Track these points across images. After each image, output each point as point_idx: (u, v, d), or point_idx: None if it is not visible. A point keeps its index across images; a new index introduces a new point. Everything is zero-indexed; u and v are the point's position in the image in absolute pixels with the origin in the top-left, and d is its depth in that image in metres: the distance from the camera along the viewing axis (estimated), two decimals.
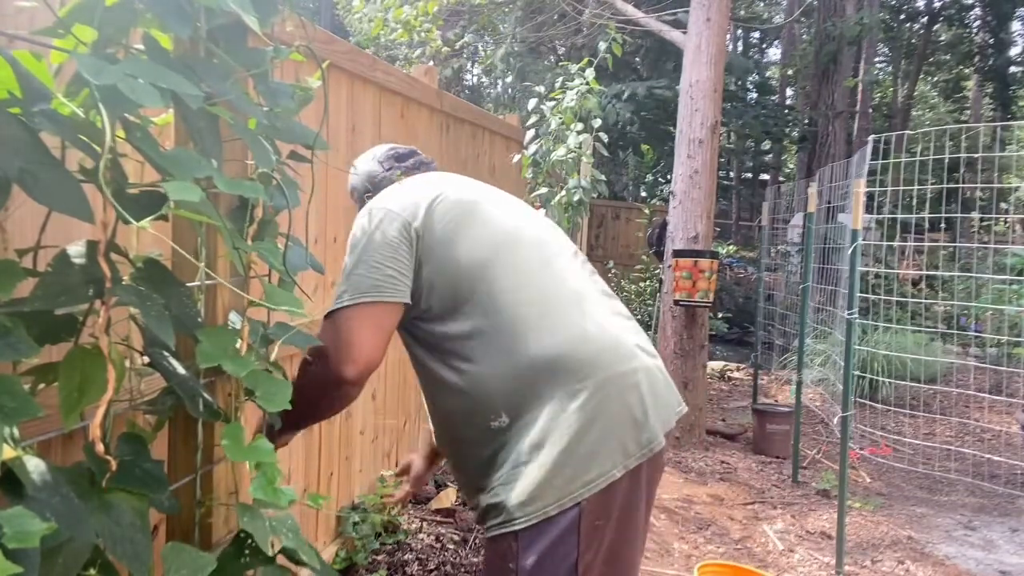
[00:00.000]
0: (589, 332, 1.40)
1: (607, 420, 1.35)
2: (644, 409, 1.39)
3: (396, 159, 1.74)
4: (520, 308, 1.38)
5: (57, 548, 0.83)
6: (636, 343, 1.46)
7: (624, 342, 1.43)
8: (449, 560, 2.89)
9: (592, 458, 1.33)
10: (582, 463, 1.32)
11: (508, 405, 1.37)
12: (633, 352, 1.43)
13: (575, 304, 1.43)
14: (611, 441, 1.35)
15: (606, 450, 1.34)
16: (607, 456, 1.34)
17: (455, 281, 1.40)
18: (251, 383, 1.14)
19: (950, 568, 3.27)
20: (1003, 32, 19.16)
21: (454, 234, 1.43)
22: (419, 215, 1.44)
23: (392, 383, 3.19)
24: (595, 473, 1.33)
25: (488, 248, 1.43)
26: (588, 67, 4.65)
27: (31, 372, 1.01)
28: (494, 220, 1.49)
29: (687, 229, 4.90)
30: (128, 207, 0.87)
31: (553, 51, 11.46)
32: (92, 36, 0.91)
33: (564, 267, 1.49)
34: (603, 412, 1.35)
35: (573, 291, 1.45)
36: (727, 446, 5.15)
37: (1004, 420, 5.72)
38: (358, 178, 1.78)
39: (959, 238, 8.67)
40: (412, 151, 1.78)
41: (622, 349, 1.42)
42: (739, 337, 9.70)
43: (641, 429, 1.38)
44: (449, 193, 1.49)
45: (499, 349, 1.37)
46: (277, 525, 1.19)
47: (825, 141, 11.25)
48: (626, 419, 1.37)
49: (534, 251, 1.48)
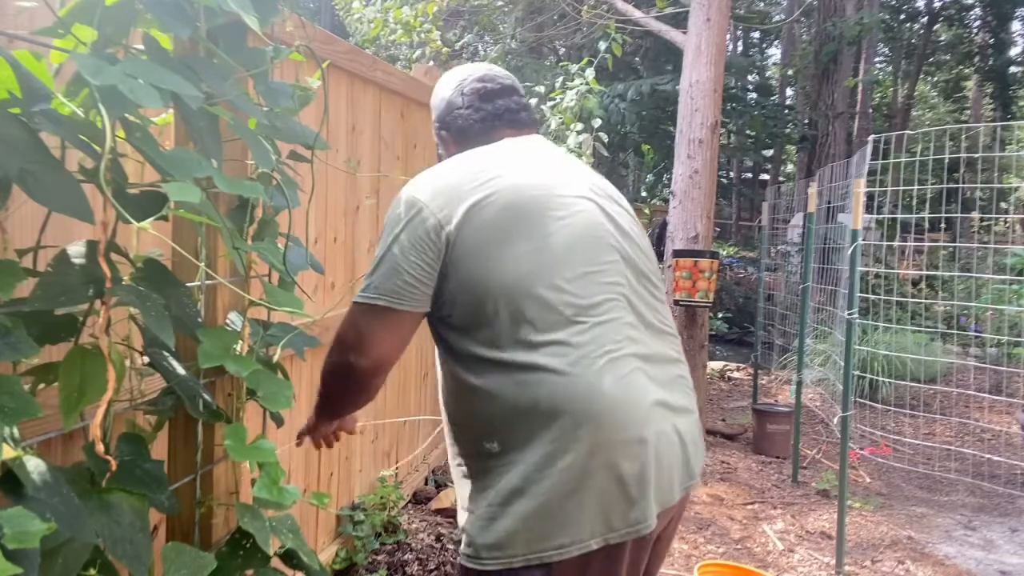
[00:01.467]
0: (603, 388, 1.24)
1: (594, 486, 1.22)
2: (641, 484, 1.25)
3: (481, 97, 1.50)
4: (539, 348, 1.25)
5: (57, 548, 0.83)
6: (658, 401, 1.30)
7: (640, 403, 1.27)
8: (449, 560, 2.89)
9: (569, 522, 1.22)
10: (557, 525, 1.22)
11: (502, 434, 1.27)
12: (648, 416, 1.27)
13: (600, 351, 1.26)
14: (593, 509, 1.22)
15: (587, 517, 1.22)
16: (587, 524, 1.22)
17: (480, 302, 1.27)
18: (253, 383, 1.14)
19: (950, 568, 3.27)
20: (1003, 32, 19.16)
21: (490, 250, 1.26)
22: (455, 218, 1.27)
23: (392, 383, 3.19)
24: (568, 539, 1.22)
25: (525, 275, 1.26)
26: (588, 67, 4.65)
27: (31, 372, 1.01)
28: (545, 235, 1.29)
29: (687, 229, 4.90)
30: (128, 207, 0.87)
31: (553, 51, 11.46)
32: (92, 36, 0.91)
33: (608, 300, 1.30)
34: (591, 477, 1.22)
35: (605, 333, 1.28)
36: (727, 446, 5.15)
37: (1004, 420, 5.72)
38: (437, 102, 1.57)
39: (959, 238, 8.67)
40: (504, 88, 1.53)
41: (635, 412, 1.26)
42: (739, 337, 9.70)
43: (631, 505, 1.24)
44: (504, 190, 1.30)
45: (507, 379, 1.26)
46: (277, 525, 1.19)
47: (825, 141, 11.25)
48: (615, 491, 1.24)
49: (580, 279, 1.29)
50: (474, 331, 1.29)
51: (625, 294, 1.34)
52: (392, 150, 3.07)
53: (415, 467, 3.56)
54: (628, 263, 1.37)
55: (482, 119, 1.50)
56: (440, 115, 1.55)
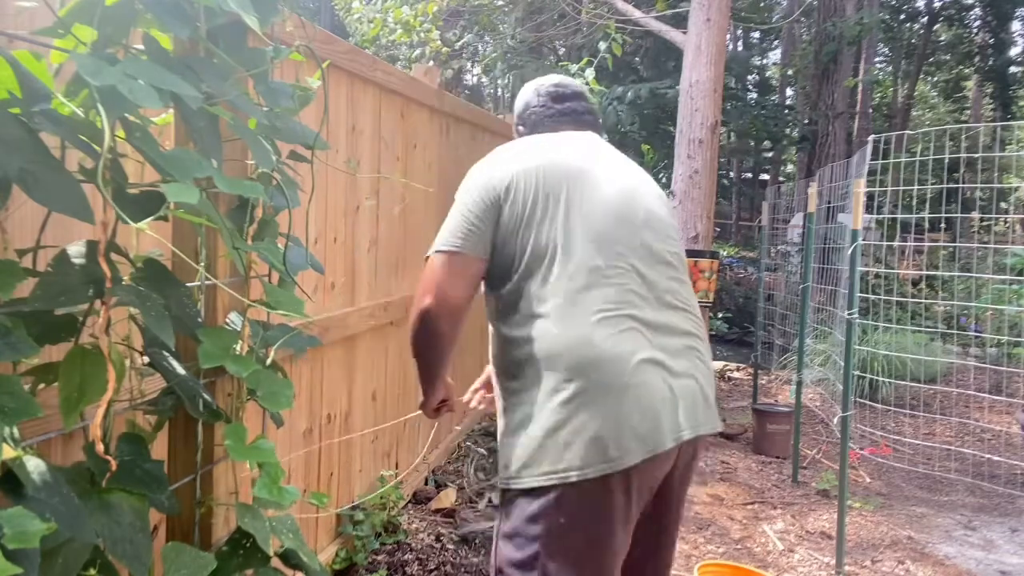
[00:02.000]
0: (594, 340, 1.46)
1: (580, 423, 1.43)
2: (619, 426, 1.43)
3: (553, 99, 1.84)
4: (547, 302, 1.50)
5: (57, 548, 0.83)
6: (650, 359, 1.49)
7: (626, 357, 1.46)
8: (449, 560, 2.89)
9: (553, 455, 1.44)
10: (547, 456, 1.45)
11: (518, 374, 1.53)
12: (635, 369, 1.46)
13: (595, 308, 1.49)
14: (584, 443, 1.43)
15: (578, 448, 1.43)
16: (565, 460, 1.43)
17: (509, 261, 1.56)
18: (253, 383, 1.14)
19: (950, 568, 3.27)
20: (1003, 32, 19.16)
21: (525, 225, 1.55)
22: (506, 191, 1.57)
23: (392, 384, 3.19)
24: (564, 466, 1.43)
25: (545, 249, 1.53)
26: (588, 67, 4.65)
27: (31, 372, 1.01)
28: (571, 217, 1.55)
29: (687, 229, 4.90)
30: (128, 207, 0.87)
31: (553, 51, 11.46)
32: (92, 36, 0.91)
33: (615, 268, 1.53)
34: (577, 416, 1.44)
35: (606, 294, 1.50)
36: (727, 446, 5.15)
37: (1004, 420, 5.72)
38: (519, 101, 1.93)
39: (959, 238, 8.67)
40: (574, 93, 1.86)
41: (620, 363, 1.45)
42: (739, 337, 9.70)
43: (609, 443, 1.42)
44: (548, 174, 1.58)
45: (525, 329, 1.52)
46: (278, 525, 1.19)
47: (825, 141, 11.25)
48: (596, 429, 1.43)
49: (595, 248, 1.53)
50: (504, 284, 1.57)
51: (636, 267, 1.55)
52: (392, 150, 3.07)
53: (415, 467, 3.56)
54: (646, 246, 1.59)
55: (551, 115, 1.81)
56: (519, 113, 1.90)
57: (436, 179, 3.65)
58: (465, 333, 4.54)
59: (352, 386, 2.79)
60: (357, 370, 2.83)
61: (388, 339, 3.12)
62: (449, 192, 4.18)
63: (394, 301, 3.08)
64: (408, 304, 3.22)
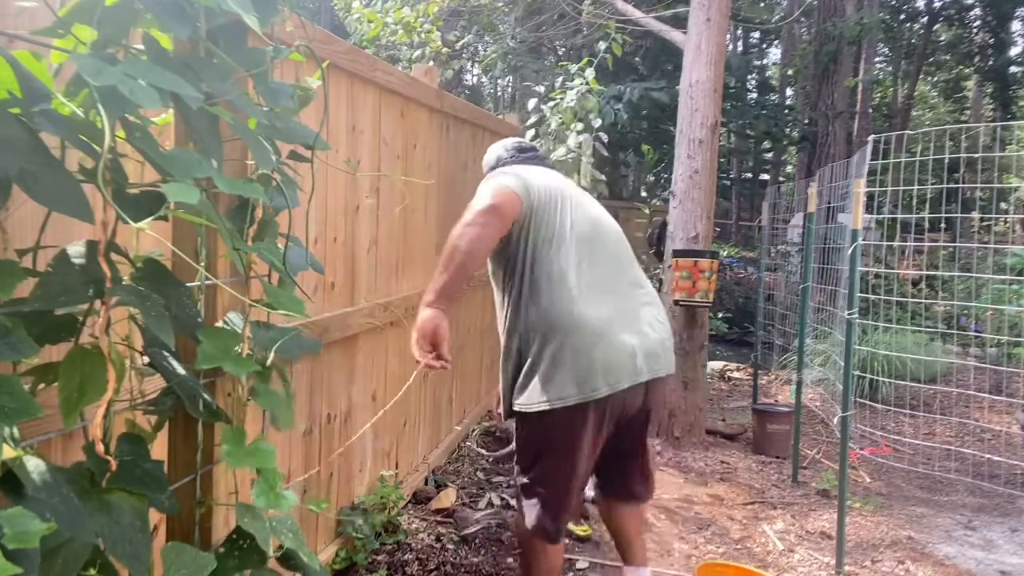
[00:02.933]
0: (575, 308, 2.11)
1: (565, 367, 2.09)
2: (590, 370, 2.08)
3: (518, 150, 2.57)
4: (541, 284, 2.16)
5: (57, 548, 0.83)
6: (615, 318, 2.15)
7: (597, 321, 2.11)
8: (449, 560, 2.89)
9: (548, 389, 2.10)
10: (544, 389, 2.11)
11: (523, 337, 2.18)
12: (603, 328, 2.11)
13: (577, 287, 2.15)
14: (560, 384, 2.09)
15: (563, 385, 2.09)
16: (563, 388, 2.09)
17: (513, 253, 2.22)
18: (254, 394, 1.14)
19: (950, 568, 3.27)
20: (1003, 32, 19.15)
21: (539, 219, 2.19)
22: (525, 192, 2.19)
23: (392, 384, 3.19)
24: (544, 399, 2.10)
25: (542, 239, 2.19)
26: (588, 67, 4.65)
27: (31, 372, 1.01)
28: (563, 218, 2.22)
29: (687, 229, 4.90)
30: (128, 207, 0.87)
31: (553, 51, 11.46)
32: (92, 36, 0.91)
33: (584, 261, 2.20)
34: (557, 363, 2.10)
35: (598, 279, 2.19)
36: (727, 446, 5.15)
37: (1004, 420, 5.72)
38: (490, 156, 2.62)
39: (959, 238, 8.67)
40: (532, 147, 2.62)
41: (593, 326, 2.10)
42: (739, 337, 9.70)
43: (582, 382, 2.08)
44: (547, 184, 2.27)
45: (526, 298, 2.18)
46: (277, 526, 1.19)
47: (825, 141, 11.24)
48: (572, 373, 2.08)
49: (569, 246, 2.20)
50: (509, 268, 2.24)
51: (609, 256, 2.27)
52: (392, 150, 3.07)
53: (415, 467, 3.56)
54: (610, 246, 2.31)
55: (520, 161, 2.52)
56: (493, 164, 2.57)
57: (436, 179, 3.65)
58: (465, 333, 4.53)
59: (352, 386, 2.79)
60: (357, 370, 2.83)
61: (388, 339, 3.11)
62: (449, 192, 4.18)
63: (394, 301, 3.08)
64: (408, 304, 3.22)
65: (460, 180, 4.05)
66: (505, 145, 2.59)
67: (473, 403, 4.69)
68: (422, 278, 3.51)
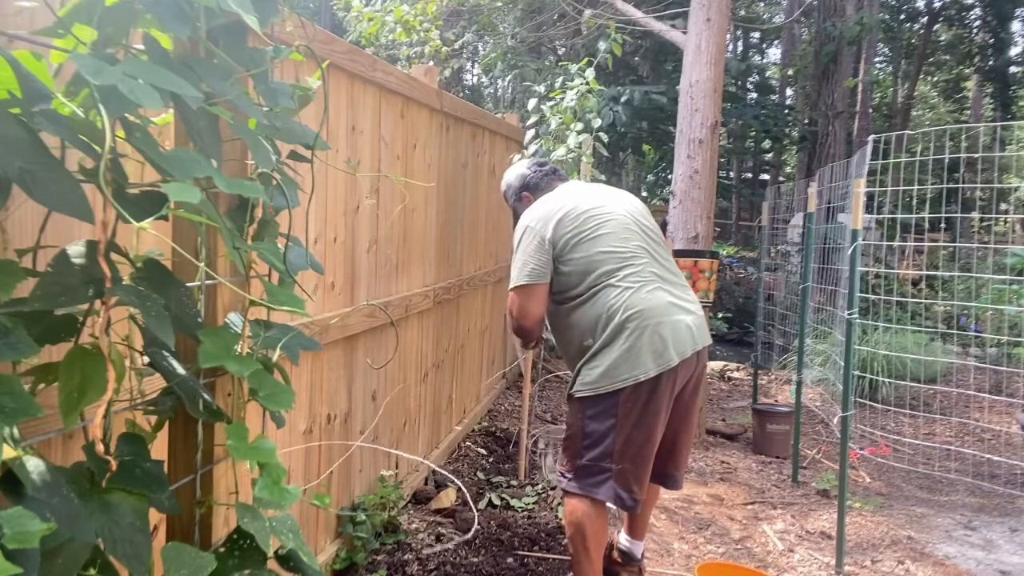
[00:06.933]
0: (639, 299, 2.41)
1: (637, 350, 2.37)
2: (664, 346, 2.38)
3: (539, 166, 2.88)
4: (607, 281, 2.45)
5: (57, 548, 0.83)
6: (671, 302, 2.45)
7: (659, 306, 2.41)
8: (449, 560, 2.89)
9: (627, 368, 2.37)
10: (623, 369, 2.37)
11: (592, 335, 2.45)
12: (666, 310, 2.42)
13: (639, 278, 2.45)
14: (638, 361, 2.37)
15: (637, 365, 2.37)
16: (636, 368, 2.37)
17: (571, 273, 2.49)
18: (254, 383, 1.14)
19: (950, 568, 3.27)
20: (1003, 32, 19.14)
21: (572, 248, 2.48)
22: (549, 230, 2.49)
23: (392, 384, 3.19)
24: (627, 375, 2.37)
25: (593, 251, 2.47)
26: (588, 67, 4.65)
27: (31, 372, 1.01)
28: (600, 234, 2.49)
29: (687, 229, 4.90)
30: (128, 207, 0.87)
31: (553, 51, 11.45)
32: (92, 36, 0.91)
33: (637, 256, 2.49)
34: (635, 346, 2.38)
35: (639, 271, 2.46)
36: (727, 446, 5.15)
37: (1004, 420, 5.72)
38: (513, 178, 2.90)
39: (959, 238, 8.67)
40: (546, 163, 2.93)
41: (657, 311, 2.40)
42: (739, 337, 9.69)
43: (659, 356, 2.37)
44: (569, 210, 2.52)
45: (590, 308, 2.46)
46: (278, 526, 1.19)
47: (825, 141, 11.24)
48: (650, 350, 2.37)
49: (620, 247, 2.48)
50: (571, 291, 2.51)
51: (649, 252, 2.54)
52: (392, 150, 3.07)
53: (415, 467, 3.56)
54: (646, 242, 2.56)
55: (543, 176, 2.84)
56: (519, 187, 2.87)
57: (436, 179, 3.65)
58: (465, 333, 4.52)
59: (352, 386, 2.79)
60: (357, 370, 2.83)
61: (388, 339, 3.11)
62: (449, 192, 4.18)
63: (394, 301, 3.08)
64: (408, 304, 3.22)
65: (460, 180, 4.05)
66: (526, 164, 2.90)
67: (473, 403, 4.69)
68: (422, 278, 3.51)
